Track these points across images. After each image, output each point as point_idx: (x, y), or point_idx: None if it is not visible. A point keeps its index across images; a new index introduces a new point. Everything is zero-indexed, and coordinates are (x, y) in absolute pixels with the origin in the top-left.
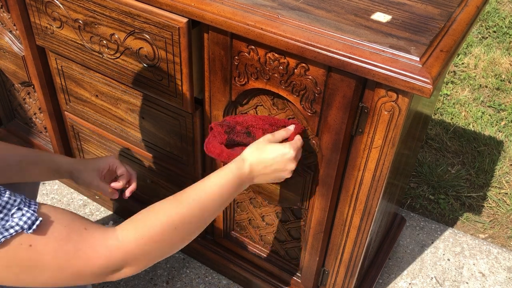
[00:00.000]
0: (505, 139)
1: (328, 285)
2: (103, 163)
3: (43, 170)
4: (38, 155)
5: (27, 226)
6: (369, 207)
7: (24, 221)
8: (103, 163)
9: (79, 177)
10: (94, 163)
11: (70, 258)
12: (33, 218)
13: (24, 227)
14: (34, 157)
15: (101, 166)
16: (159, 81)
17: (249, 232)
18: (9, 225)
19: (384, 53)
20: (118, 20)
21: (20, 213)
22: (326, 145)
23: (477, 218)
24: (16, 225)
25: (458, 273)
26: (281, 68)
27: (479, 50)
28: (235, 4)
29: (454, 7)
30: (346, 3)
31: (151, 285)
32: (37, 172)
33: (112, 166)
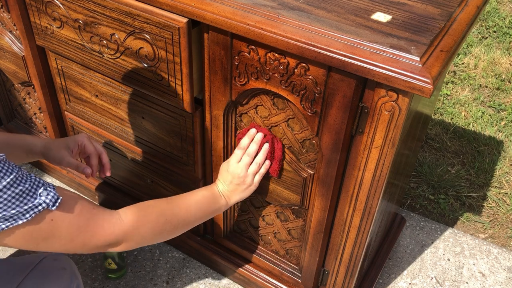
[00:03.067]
0: (505, 139)
1: (328, 285)
2: (72, 141)
3: (17, 152)
4: (10, 137)
5: (52, 203)
6: (369, 207)
7: (49, 199)
8: (72, 141)
9: (50, 155)
10: (64, 141)
11: (81, 231)
12: (55, 197)
13: (49, 204)
14: (6, 139)
15: (71, 144)
16: (159, 81)
17: (249, 232)
18: (37, 203)
19: (384, 53)
20: (118, 20)
21: (46, 193)
22: (326, 145)
23: (477, 218)
24: (43, 203)
25: (458, 273)
26: (281, 68)
27: (479, 50)
28: (235, 4)
29: (454, 7)
30: (346, 3)
31: (151, 285)
32: (11, 153)
33: (81, 144)
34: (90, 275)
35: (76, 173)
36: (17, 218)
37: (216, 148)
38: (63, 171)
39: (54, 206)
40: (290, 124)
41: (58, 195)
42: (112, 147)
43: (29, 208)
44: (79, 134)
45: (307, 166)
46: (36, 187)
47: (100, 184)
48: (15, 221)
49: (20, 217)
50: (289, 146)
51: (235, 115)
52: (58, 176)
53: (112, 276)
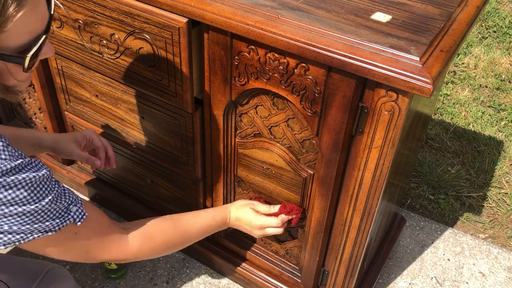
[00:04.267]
0: (505, 139)
1: (328, 285)
2: (80, 135)
3: (25, 145)
4: (19, 131)
5: (78, 219)
6: (369, 207)
7: (77, 216)
8: (80, 135)
9: (60, 149)
10: (72, 135)
11: (96, 247)
12: (82, 213)
13: (76, 220)
14: (15, 132)
15: (79, 138)
16: (159, 81)
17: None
18: (67, 218)
19: (384, 53)
20: (118, 20)
21: (75, 209)
22: (326, 145)
23: (477, 218)
24: (71, 218)
25: (458, 273)
26: (281, 68)
27: (479, 50)
28: (235, 4)
29: (454, 7)
30: (346, 3)
31: (151, 285)
32: (21, 146)
33: (89, 138)
34: (90, 275)
35: (76, 173)
36: (49, 230)
37: (216, 148)
38: (63, 171)
39: (79, 221)
40: (290, 124)
41: (85, 212)
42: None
43: (60, 222)
44: (87, 129)
45: (307, 166)
46: (69, 204)
47: (100, 184)
48: (46, 232)
49: (51, 230)
50: (289, 146)
51: (235, 115)
52: (58, 176)
53: (112, 276)
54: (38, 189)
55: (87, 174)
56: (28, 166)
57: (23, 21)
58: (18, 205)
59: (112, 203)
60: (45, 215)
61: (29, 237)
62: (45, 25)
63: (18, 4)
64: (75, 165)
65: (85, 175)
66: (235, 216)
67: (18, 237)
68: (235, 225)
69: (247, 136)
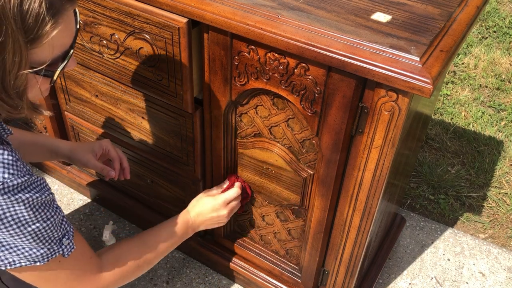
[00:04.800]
0: (505, 139)
1: (328, 285)
2: (97, 145)
3: (42, 151)
4: (37, 137)
5: (67, 252)
6: (369, 207)
7: (67, 249)
8: (97, 145)
9: (76, 158)
10: (89, 145)
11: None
12: (71, 247)
13: (65, 253)
14: (33, 138)
15: (95, 148)
16: (159, 81)
17: (249, 232)
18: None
19: (384, 53)
20: (118, 20)
21: (67, 242)
22: (326, 145)
23: (477, 218)
24: (61, 250)
25: (458, 273)
26: (281, 68)
27: (479, 50)
28: (235, 4)
29: (454, 7)
30: (346, 3)
31: (151, 285)
32: (36, 152)
33: (106, 149)
34: None
35: (76, 173)
36: (37, 261)
37: (216, 148)
38: (63, 171)
39: (67, 254)
40: (290, 124)
41: (74, 245)
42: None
43: (50, 253)
44: (104, 140)
45: (307, 166)
46: (63, 236)
47: (100, 184)
48: (35, 262)
49: (40, 260)
50: (289, 146)
51: (235, 115)
52: (58, 176)
53: None
54: (40, 211)
55: (87, 175)
56: (33, 185)
57: (57, 37)
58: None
59: (112, 203)
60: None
61: (17, 264)
62: (72, 39)
63: (54, 22)
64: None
65: (85, 175)
66: (194, 213)
67: (6, 262)
68: (200, 222)
69: (247, 136)
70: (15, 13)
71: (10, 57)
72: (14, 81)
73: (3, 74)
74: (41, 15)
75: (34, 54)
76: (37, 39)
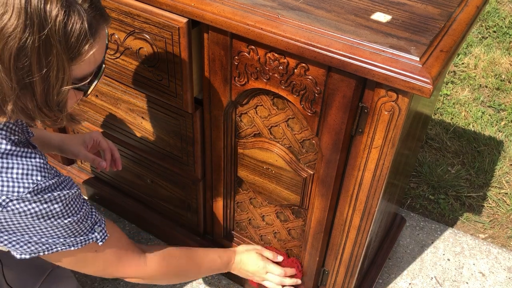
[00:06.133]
0: (505, 139)
1: (328, 285)
2: (88, 137)
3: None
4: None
5: (100, 239)
6: (369, 207)
7: (100, 236)
8: (88, 137)
9: (67, 149)
10: (80, 137)
11: (113, 265)
12: (105, 234)
13: (98, 239)
14: None
15: (86, 140)
16: (159, 81)
17: (249, 232)
18: (91, 236)
19: (384, 53)
20: (118, 20)
21: (99, 229)
22: (326, 145)
23: (477, 218)
24: (95, 237)
25: (458, 273)
26: (281, 68)
27: (479, 50)
28: (235, 4)
29: (454, 7)
30: (346, 3)
31: (151, 285)
32: None
33: (96, 140)
34: (89, 275)
35: (75, 173)
36: (72, 245)
37: (216, 148)
38: (63, 171)
39: (101, 242)
40: (290, 124)
41: (107, 233)
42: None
43: (84, 239)
44: (94, 131)
45: (307, 166)
46: (94, 224)
47: (100, 184)
48: (70, 247)
49: (75, 245)
50: (289, 146)
51: (235, 115)
52: None
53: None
54: (70, 205)
55: (87, 174)
56: (62, 184)
57: (94, 54)
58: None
59: (112, 203)
60: (71, 231)
61: (53, 249)
62: (103, 54)
63: (93, 41)
64: (75, 165)
65: (85, 175)
66: (239, 259)
67: (44, 247)
68: (237, 268)
69: (247, 136)
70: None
71: (54, 74)
72: (57, 96)
73: (47, 90)
74: (82, 35)
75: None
76: (78, 57)
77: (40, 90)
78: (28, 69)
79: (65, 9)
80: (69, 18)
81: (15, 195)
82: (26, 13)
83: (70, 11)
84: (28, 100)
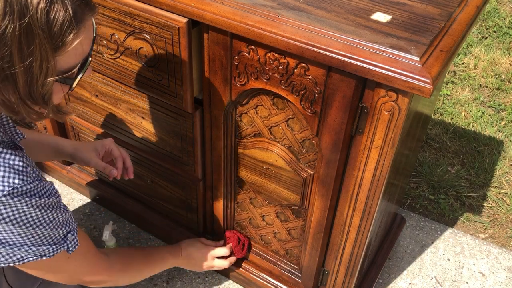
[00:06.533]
0: (505, 139)
1: (328, 285)
2: (100, 145)
3: (46, 150)
4: (41, 137)
5: (71, 248)
6: (369, 207)
7: (71, 244)
8: (100, 145)
9: (79, 157)
10: (92, 144)
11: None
12: (75, 243)
13: (69, 248)
14: (37, 137)
15: (98, 148)
16: (159, 81)
17: (249, 232)
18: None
19: (384, 53)
20: (118, 20)
21: (72, 238)
22: (326, 145)
23: (477, 218)
24: (66, 246)
25: (458, 273)
26: (281, 68)
27: (479, 50)
28: (235, 4)
29: (454, 7)
30: (346, 3)
31: (151, 285)
32: (41, 151)
33: (108, 148)
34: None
35: (76, 173)
36: (44, 255)
37: (216, 148)
38: (63, 171)
39: (71, 250)
40: (290, 124)
41: (77, 242)
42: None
43: (56, 248)
44: (107, 139)
45: (307, 166)
46: (68, 232)
47: (100, 184)
48: (41, 257)
49: (47, 254)
50: (289, 146)
51: (235, 115)
52: (58, 176)
53: None
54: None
55: (87, 174)
56: (43, 190)
57: (79, 45)
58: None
59: (112, 203)
60: (46, 239)
61: (25, 260)
62: (90, 46)
63: (77, 31)
64: (75, 165)
65: (85, 175)
66: (186, 251)
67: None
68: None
69: (247, 136)
70: (42, 22)
71: (37, 64)
72: (41, 88)
73: (31, 81)
74: (66, 23)
75: (59, 62)
76: (62, 47)
77: (23, 81)
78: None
79: None
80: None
81: None
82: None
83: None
84: (10, 93)
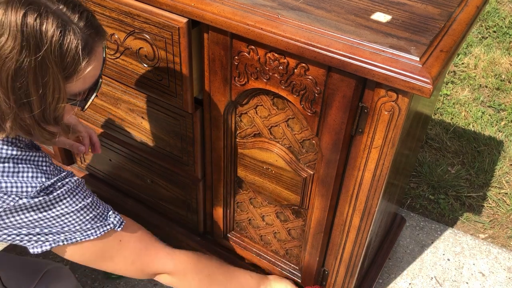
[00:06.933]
0: (505, 139)
1: (328, 285)
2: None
3: None
4: None
5: (118, 225)
6: (369, 207)
7: (116, 221)
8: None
9: None
10: None
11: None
12: (120, 220)
13: (116, 225)
14: None
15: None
16: (159, 81)
17: (249, 232)
18: (107, 223)
19: (384, 53)
20: (118, 20)
21: (114, 215)
22: (326, 145)
23: (477, 218)
24: (111, 223)
25: (458, 273)
26: (281, 68)
27: (479, 50)
28: (235, 4)
29: (454, 7)
30: (346, 3)
31: (151, 285)
32: None
33: (74, 126)
34: (90, 275)
35: (75, 173)
36: (90, 234)
37: (216, 148)
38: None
39: (119, 227)
40: (290, 124)
41: (123, 219)
42: (112, 147)
43: (100, 226)
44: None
45: (307, 166)
46: (106, 211)
47: (100, 184)
48: (88, 236)
49: (93, 234)
50: (289, 146)
51: (235, 115)
52: None
53: (112, 276)
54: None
55: (87, 174)
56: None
57: (90, 71)
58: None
59: (111, 203)
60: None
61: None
62: (100, 70)
63: (88, 59)
64: (75, 165)
65: (85, 175)
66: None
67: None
68: None
69: (247, 136)
70: (55, 54)
71: (50, 92)
72: (54, 112)
73: (44, 107)
74: (78, 54)
75: (71, 88)
76: (74, 75)
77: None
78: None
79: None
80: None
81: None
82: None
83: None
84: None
